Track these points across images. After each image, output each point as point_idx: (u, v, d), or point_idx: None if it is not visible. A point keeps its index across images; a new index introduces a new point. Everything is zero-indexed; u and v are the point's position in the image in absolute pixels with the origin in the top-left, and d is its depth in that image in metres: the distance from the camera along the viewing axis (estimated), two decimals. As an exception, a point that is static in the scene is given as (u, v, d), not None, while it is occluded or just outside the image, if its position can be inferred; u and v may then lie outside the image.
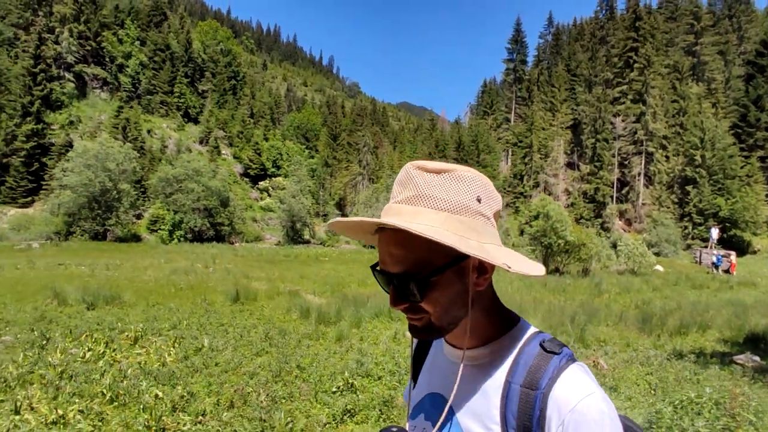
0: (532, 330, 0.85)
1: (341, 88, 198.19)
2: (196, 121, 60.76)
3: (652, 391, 5.80)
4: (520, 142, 60.81)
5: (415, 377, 0.99)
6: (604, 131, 52.09)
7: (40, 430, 4.18)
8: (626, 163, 53.50)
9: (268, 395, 5.14)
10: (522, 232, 47.83)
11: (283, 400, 5.23)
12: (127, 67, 56.40)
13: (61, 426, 4.26)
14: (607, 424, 0.72)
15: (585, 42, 73.82)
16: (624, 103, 56.09)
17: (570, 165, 61.89)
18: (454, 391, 0.82)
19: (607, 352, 8.19)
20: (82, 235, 32.68)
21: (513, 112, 75.29)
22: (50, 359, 6.56)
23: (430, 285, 0.77)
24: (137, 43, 58.60)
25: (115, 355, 7.03)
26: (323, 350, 7.79)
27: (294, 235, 39.81)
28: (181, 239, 35.29)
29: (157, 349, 7.31)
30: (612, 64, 60.21)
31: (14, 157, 39.26)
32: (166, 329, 8.93)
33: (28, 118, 40.20)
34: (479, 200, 0.78)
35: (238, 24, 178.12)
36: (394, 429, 0.85)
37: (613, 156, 53.36)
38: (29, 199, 39.47)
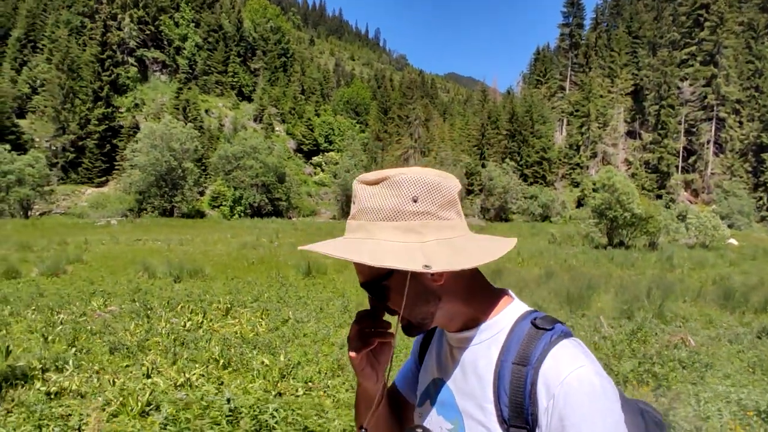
0: (524, 309, 0.86)
1: (388, 61, 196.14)
2: (249, 99, 62.23)
3: (750, 369, 5.67)
4: (577, 111, 58.41)
5: (420, 363, 1.03)
6: (669, 97, 49.06)
7: (171, 392, 4.66)
8: (694, 130, 50.32)
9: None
10: (579, 205, 46.41)
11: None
12: (184, 49, 58.21)
13: (188, 388, 4.73)
14: (598, 396, 0.71)
15: (649, 1, 68.98)
16: (692, 65, 52.46)
17: (630, 134, 58.93)
18: (451, 373, 0.88)
19: (690, 329, 8.01)
20: (152, 212, 34.69)
21: (568, 80, 72.06)
22: (158, 328, 7.19)
23: (386, 290, 0.82)
24: (192, 25, 60.20)
25: (212, 324, 7.59)
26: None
27: (349, 209, 40.45)
28: (242, 215, 36.73)
29: (249, 320, 7.83)
30: (679, 24, 56.15)
31: (88, 139, 41.87)
32: (249, 301, 9.49)
33: (99, 103, 42.59)
34: (416, 200, 0.80)
35: (284, 1, 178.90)
36: (419, 430, 0.87)
37: (679, 123, 50.29)
38: (104, 178, 42.15)
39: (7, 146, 32.38)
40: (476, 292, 0.86)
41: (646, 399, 4.38)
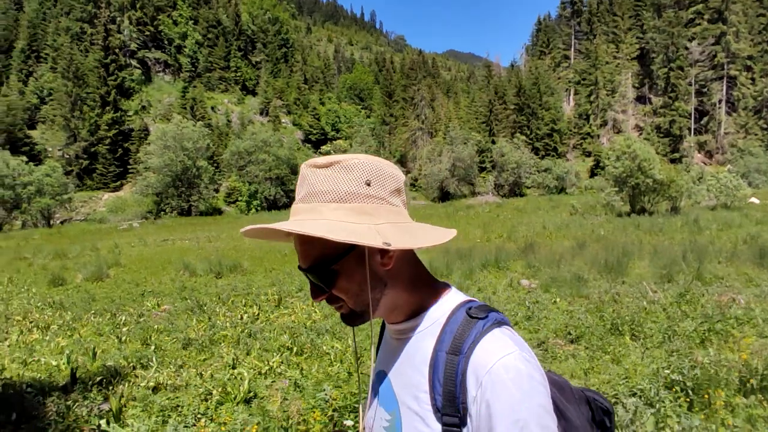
0: (461, 299, 0.86)
1: (387, 43, 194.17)
2: (253, 93, 62.19)
3: (808, 323, 5.81)
4: (584, 79, 57.69)
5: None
6: (678, 58, 48.24)
7: (258, 380, 4.91)
8: (704, 90, 49.55)
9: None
10: (593, 174, 46.15)
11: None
12: (185, 47, 58.13)
13: (273, 375, 4.98)
14: (524, 382, 0.72)
15: (651, -39, 67.34)
16: (699, 24, 51.41)
17: (639, 99, 58.16)
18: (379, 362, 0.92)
19: (733, 289, 8.14)
20: (170, 212, 35.13)
21: (573, 49, 71.04)
22: (218, 322, 7.47)
23: (334, 274, 0.81)
24: (191, 22, 59.99)
25: (268, 315, 7.86)
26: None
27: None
28: (258, 209, 37.07)
29: (302, 309, 8.08)
30: (684, -18, 54.89)
31: (100, 145, 42.26)
32: (294, 291, 9.74)
33: (107, 108, 42.86)
34: (368, 184, 0.81)
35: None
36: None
37: (689, 84, 49.52)
38: (118, 183, 42.62)
39: (24, 158, 32.83)
40: (419, 282, 0.87)
41: (719, 357, 4.54)
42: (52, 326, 8.02)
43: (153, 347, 6.05)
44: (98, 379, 4.67)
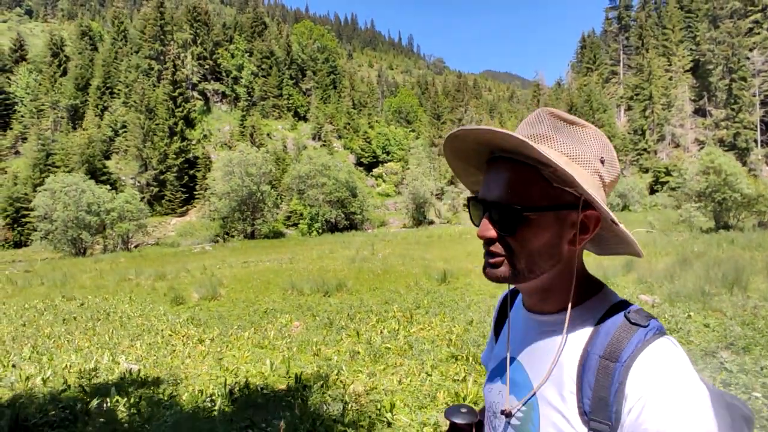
0: (617, 299, 0.82)
1: (426, 66, 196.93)
2: (305, 119, 64.34)
3: None
4: (637, 95, 56.66)
5: (495, 340, 1.01)
6: (740, 69, 46.80)
7: (448, 385, 5.26)
8: (770, 101, 47.78)
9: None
10: (652, 191, 44.95)
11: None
12: (241, 78, 61.03)
13: (463, 382, 5.33)
14: (689, 405, 0.66)
15: (702, -28, 66.08)
16: (759, 33, 49.84)
17: (696, 112, 56.51)
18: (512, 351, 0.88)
19: None
20: (237, 236, 36.54)
21: (621, 64, 70.08)
22: (364, 336, 7.89)
23: (526, 221, 0.76)
24: (246, 54, 63.06)
25: (408, 330, 8.23)
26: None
27: (419, 217, 41.11)
28: (320, 231, 38.00)
29: (437, 324, 8.42)
30: (740, -8, 53.55)
31: (168, 173, 44.65)
32: (413, 308, 10.11)
33: (175, 138, 45.41)
34: (602, 161, 0.78)
35: (317, 20, 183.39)
36: (464, 409, 0.85)
37: (753, 95, 47.82)
38: (185, 208, 44.78)
39: (107, 186, 35.14)
40: (581, 273, 0.83)
41: None
42: (206, 340, 8.67)
43: (335, 358, 6.51)
44: (319, 382, 5.13)
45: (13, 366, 6.81)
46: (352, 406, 4.12)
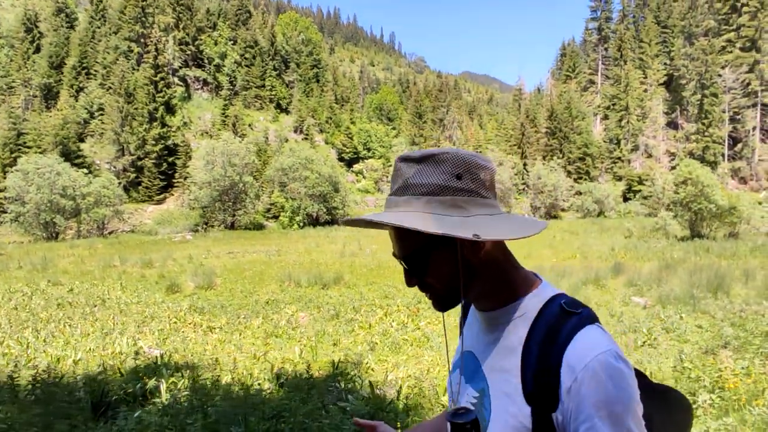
0: (554, 292, 0.90)
1: (407, 64, 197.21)
2: (287, 112, 63.73)
3: None
4: (614, 104, 58.31)
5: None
6: (711, 85, 48.77)
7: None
8: (738, 117, 49.90)
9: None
10: (625, 199, 46.46)
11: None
12: (224, 66, 59.98)
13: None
14: (619, 379, 0.75)
15: (679, -11, 68.43)
16: (731, 52, 52.01)
17: (669, 124, 58.61)
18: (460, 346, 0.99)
19: None
20: (218, 226, 36.06)
21: (599, 74, 71.92)
22: (377, 328, 8.09)
23: (427, 263, 0.86)
24: (230, 42, 61.99)
25: (416, 323, 8.46)
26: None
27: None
28: (301, 224, 37.86)
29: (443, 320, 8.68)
30: (715, 11, 55.75)
31: (146, 159, 43.61)
32: (413, 303, 10.35)
33: (154, 123, 44.35)
34: (459, 177, 0.85)
35: (300, 11, 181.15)
36: (462, 410, 0.91)
37: (723, 111, 49.93)
38: (162, 196, 43.82)
39: (84, 170, 34.11)
40: (509, 271, 0.91)
41: None
42: (215, 328, 8.70)
43: (359, 348, 6.68)
44: (353, 370, 5.30)
45: (28, 347, 6.73)
46: (403, 390, 4.30)
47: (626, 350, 6.74)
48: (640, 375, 0.91)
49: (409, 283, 0.91)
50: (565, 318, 0.82)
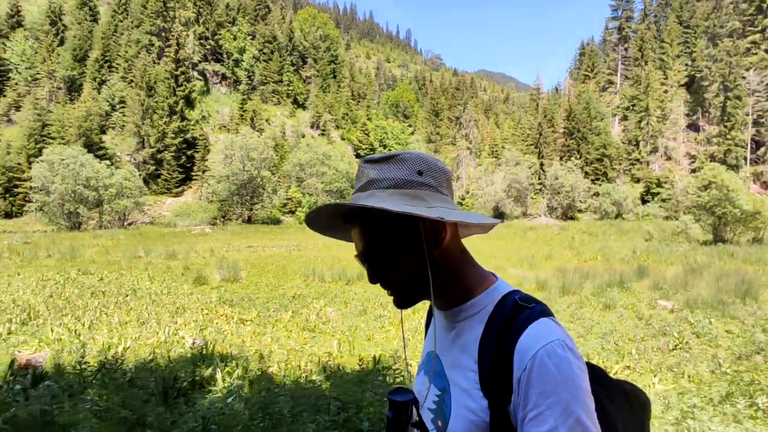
0: (509, 288, 0.92)
1: (422, 61, 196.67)
2: (303, 107, 64.05)
3: None
4: (633, 105, 57.61)
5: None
6: (735, 87, 47.96)
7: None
8: (762, 121, 49.01)
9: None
10: (643, 201, 45.98)
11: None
12: (242, 61, 60.42)
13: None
14: (566, 367, 0.76)
15: (704, -11, 67.26)
16: (756, 54, 51.09)
17: (689, 126, 57.77)
18: (434, 343, 0.97)
19: None
20: (236, 220, 36.46)
21: (619, 74, 71.10)
22: (407, 324, 8.20)
23: (391, 257, 0.88)
24: (248, 38, 62.41)
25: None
26: (616, 318, 8.83)
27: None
28: (317, 220, 38.11)
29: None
30: (740, 12, 54.76)
31: (166, 152, 44.18)
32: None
33: (174, 117, 44.89)
34: (420, 173, 0.90)
35: (316, 6, 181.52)
36: (402, 389, 0.93)
37: (746, 114, 49.08)
38: (180, 189, 44.39)
39: (107, 162, 34.71)
40: (467, 268, 0.94)
41: None
42: (247, 320, 8.89)
43: (394, 343, 6.80)
44: (394, 364, 5.42)
45: (78, 334, 6.96)
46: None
47: (659, 353, 6.78)
48: (593, 367, 0.95)
49: (373, 280, 0.92)
50: (518, 311, 0.85)
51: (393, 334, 7.50)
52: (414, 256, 0.88)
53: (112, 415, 2.66)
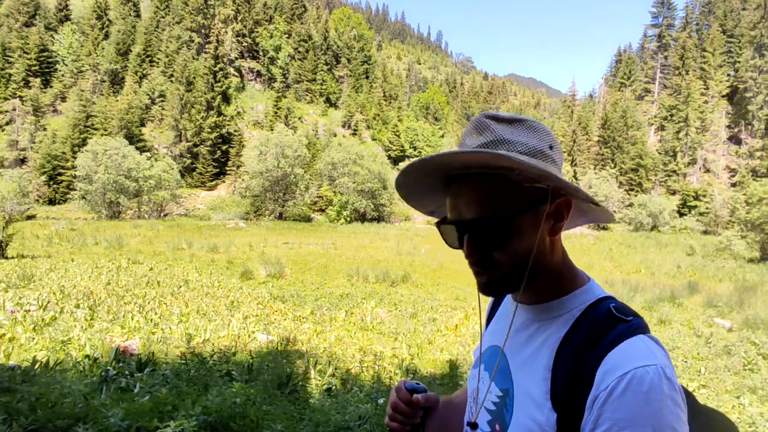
0: (603, 293, 0.82)
1: (453, 64, 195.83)
2: (335, 106, 64.54)
3: None
4: (672, 115, 56.23)
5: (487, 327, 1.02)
6: (782, 100, 46.37)
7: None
8: (808, 135, 47.33)
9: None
10: (680, 214, 44.81)
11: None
12: (278, 59, 61.23)
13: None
14: (658, 399, 0.65)
15: (751, -2, 65.15)
16: (805, 66, 49.33)
17: (730, 139, 56.09)
18: (505, 339, 0.85)
19: None
20: (269, 216, 36.98)
21: (657, 83, 69.48)
22: (462, 329, 8.22)
23: (509, 230, 0.76)
24: (284, 36, 63.23)
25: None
26: (675, 334, 8.69)
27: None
28: (348, 219, 38.35)
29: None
30: (789, 22, 52.88)
31: (202, 146, 45.12)
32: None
33: (211, 112, 45.82)
34: (551, 147, 0.80)
35: (350, 6, 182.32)
36: (411, 383, 0.89)
37: (792, 128, 47.43)
38: (214, 183, 45.28)
39: (148, 154, 35.67)
40: (565, 264, 0.84)
41: None
42: (303, 317, 9.03)
43: (456, 347, 6.85)
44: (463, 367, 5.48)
45: (156, 324, 7.21)
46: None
47: (726, 372, 6.65)
48: (685, 394, 0.80)
49: (472, 254, 0.79)
50: (613, 323, 0.74)
51: (452, 339, 7.53)
52: (529, 237, 0.77)
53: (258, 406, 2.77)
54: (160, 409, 2.24)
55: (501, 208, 0.76)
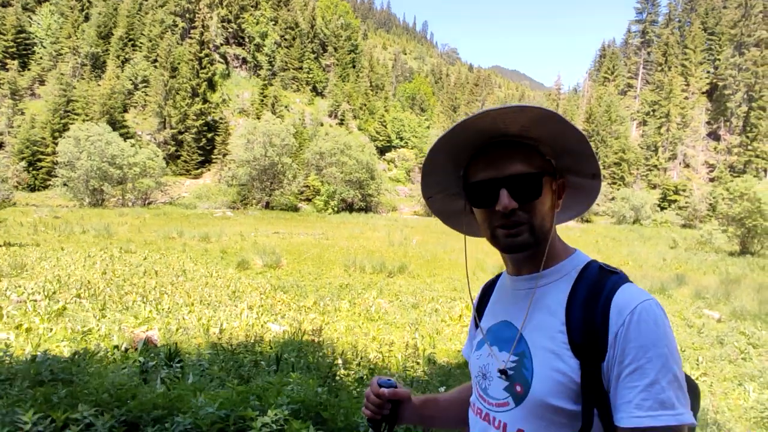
0: (588, 258, 0.96)
1: (438, 54, 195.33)
2: (322, 95, 64.00)
3: None
4: (654, 111, 57.28)
5: (477, 323, 1.08)
6: (761, 98, 47.58)
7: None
8: (785, 132, 48.72)
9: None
10: (661, 208, 45.85)
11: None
12: (264, 46, 60.35)
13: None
14: (663, 324, 0.81)
15: (732, -3, 66.39)
16: (782, 64, 50.61)
17: (709, 135, 57.43)
18: (527, 314, 0.93)
19: None
20: (255, 205, 36.68)
21: (639, 78, 70.53)
22: (465, 319, 8.37)
23: (540, 187, 0.89)
24: (271, 23, 62.29)
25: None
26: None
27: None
28: (335, 209, 38.29)
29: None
30: (769, 21, 54.11)
31: (187, 133, 44.39)
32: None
33: (196, 99, 45.04)
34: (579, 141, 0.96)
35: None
36: (383, 380, 1.00)
37: (769, 125, 48.76)
38: (199, 171, 44.65)
39: (132, 141, 34.96)
40: (557, 236, 0.98)
41: None
42: (307, 308, 9.08)
43: (464, 336, 7.00)
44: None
45: (166, 313, 7.18)
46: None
47: (722, 361, 6.93)
48: None
49: (509, 204, 0.88)
50: (606, 276, 0.89)
51: (458, 329, 7.68)
52: (551, 202, 0.92)
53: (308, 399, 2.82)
54: (246, 399, 2.29)
55: (537, 168, 0.90)
